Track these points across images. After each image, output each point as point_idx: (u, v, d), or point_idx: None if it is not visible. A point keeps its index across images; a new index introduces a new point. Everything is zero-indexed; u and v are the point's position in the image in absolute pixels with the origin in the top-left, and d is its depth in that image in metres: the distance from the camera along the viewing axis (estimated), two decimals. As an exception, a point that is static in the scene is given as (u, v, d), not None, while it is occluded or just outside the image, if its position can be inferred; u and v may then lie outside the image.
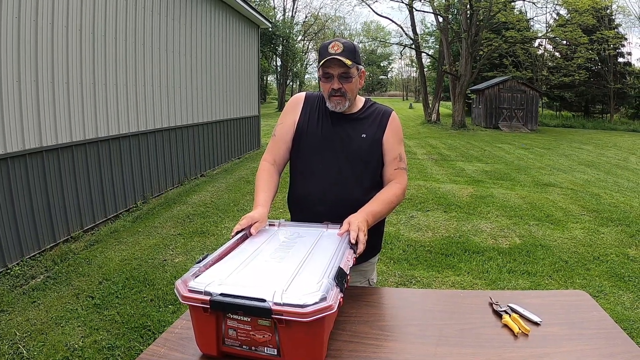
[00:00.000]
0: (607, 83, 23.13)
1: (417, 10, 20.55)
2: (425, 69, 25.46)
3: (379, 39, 39.49)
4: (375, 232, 1.50)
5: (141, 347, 2.43)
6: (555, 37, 19.89)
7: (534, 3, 18.19)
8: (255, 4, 27.85)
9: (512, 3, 18.32)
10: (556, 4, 18.62)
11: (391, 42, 34.27)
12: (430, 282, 3.35)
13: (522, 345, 1.08)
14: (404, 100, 57.61)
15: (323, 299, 0.90)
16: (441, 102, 24.10)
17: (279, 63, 35.19)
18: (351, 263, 1.13)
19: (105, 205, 4.69)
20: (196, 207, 5.38)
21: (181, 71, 6.47)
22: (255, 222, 1.32)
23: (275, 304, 0.89)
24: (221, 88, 8.15)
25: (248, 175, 7.36)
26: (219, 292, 0.93)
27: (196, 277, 1.02)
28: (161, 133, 5.94)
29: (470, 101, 23.21)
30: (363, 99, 1.60)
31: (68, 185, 4.11)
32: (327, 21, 39.73)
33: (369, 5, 20.58)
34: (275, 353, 0.95)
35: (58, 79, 3.92)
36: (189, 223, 4.75)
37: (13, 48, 3.40)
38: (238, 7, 8.47)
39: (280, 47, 32.21)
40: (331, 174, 1.49)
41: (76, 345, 2.45)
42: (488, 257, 3.85)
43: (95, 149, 4.52)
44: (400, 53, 37.22)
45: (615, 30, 21.65)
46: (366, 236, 1.27)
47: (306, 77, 43.33)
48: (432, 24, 37.65)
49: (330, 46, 1.41)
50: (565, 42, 21.70)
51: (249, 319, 0.94)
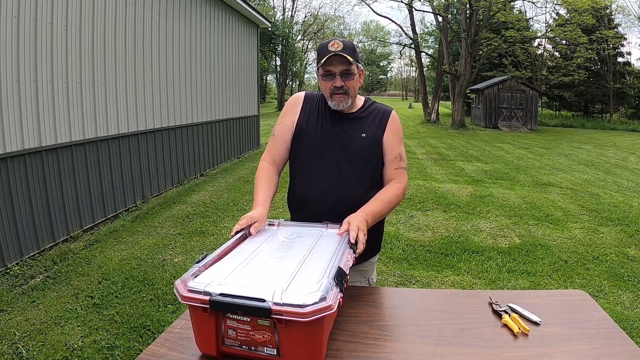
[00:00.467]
0: (606, 83, 23.14)
1: (416, 9, 20.61)
2: (425, 69, 25.43)
3: (378, 38, 39.55)
4: (375, 231, 1.50)
5: (141, 347, 2.43)
6: (554, 36, 19.88)
7: (533, 3, 18.22)
8: (255, 4, 27.83)
9: (512, 3, 18.33)
10: (556, 4, 18.62)
11: (390, 41, 34.44)
12: (430, 282, 3.35)
13: (522, 345, 1.08)
14: (403, 100, 57.52)
15: (323, 298, 0.90)
16: (441, 101, 24.09)
17: (278, 62, 35.19)
18: (351, 263, 1.13)
19: (104, 205, 4.69)
20: (196, 206, 5.38)
21: (180, 71, 6.46)
22: (255, 222, 1.31)
23: (275, 303, 0.89)
24: (221, 87, 8.15)
25: (247, 175, 7.35)
26: (219, 292, 0.93)
27: (195, 277, 1.01)
28: (160, 133, 5.93)
29: (470, 101, 23.21)
30: (363, 99, 1.60)
31: (67, 185, 4.11)
32: (326, 21, 39.78)
33: (368, 5, 20.61)
34: (275, 353, 0.95)
35: (57, 79, 3.92)
36: (189, 223, 4.75)
37: (12, 47, 3.40)
38: (238, 6, 8.46)
39: (280, 47, 32.23)
40: (331, 173, 1.49)
41: (75, 345, 2.44)
42: (487, 256, 3.85)
43: (95, 148, 4.51)
44: (400, 53, 37.06)
45: (615, 30, 21.63)
46: (366, 236, 1.27)
47: (305, 76, 43.33)
48: (431, 24, 37.62)
49: (330, 44, 1.42)
50: (564, 41, 21.70)
51: (248, 319, 0.94)
